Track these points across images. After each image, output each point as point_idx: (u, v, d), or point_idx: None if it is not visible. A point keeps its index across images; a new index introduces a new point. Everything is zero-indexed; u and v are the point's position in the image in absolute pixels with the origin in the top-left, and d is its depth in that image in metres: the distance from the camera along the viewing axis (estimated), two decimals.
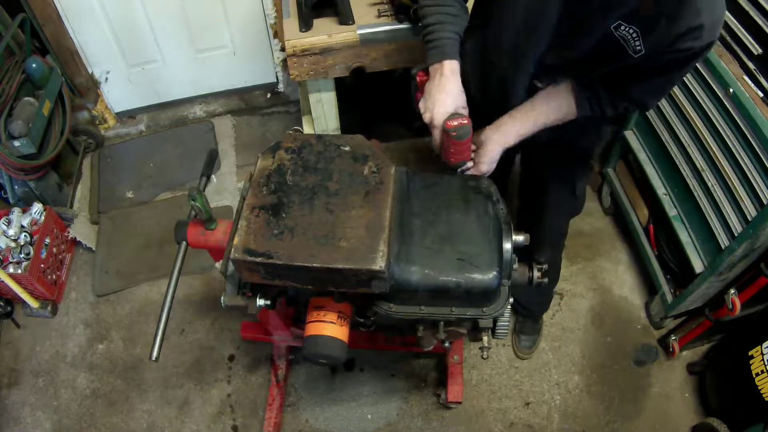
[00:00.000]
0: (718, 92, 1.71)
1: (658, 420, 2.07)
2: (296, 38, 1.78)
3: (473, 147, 1.38)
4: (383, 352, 2.14)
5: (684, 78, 1.85)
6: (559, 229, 1.88)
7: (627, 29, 1.12)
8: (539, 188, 1.73)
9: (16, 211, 2.32)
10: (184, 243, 1.33)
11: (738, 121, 1.64)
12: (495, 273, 1.15)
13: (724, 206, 1.75)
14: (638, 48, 1.13)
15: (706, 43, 1.10)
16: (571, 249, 2.50)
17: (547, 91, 1.35)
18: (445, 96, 1.30)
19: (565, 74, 1.32)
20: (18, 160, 2.16)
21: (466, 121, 1.26)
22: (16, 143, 2.12)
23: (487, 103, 1.45)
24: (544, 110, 1.35)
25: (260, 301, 1.27)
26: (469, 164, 1.38)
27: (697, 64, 1.78)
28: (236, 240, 1.10)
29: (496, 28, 1.34)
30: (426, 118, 1.33)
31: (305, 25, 1.81)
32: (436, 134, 1.33)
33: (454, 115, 1.28)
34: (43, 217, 2.31)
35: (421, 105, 1.34)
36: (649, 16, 1.09)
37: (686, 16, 1.06)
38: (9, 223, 2.26)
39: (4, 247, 2.22)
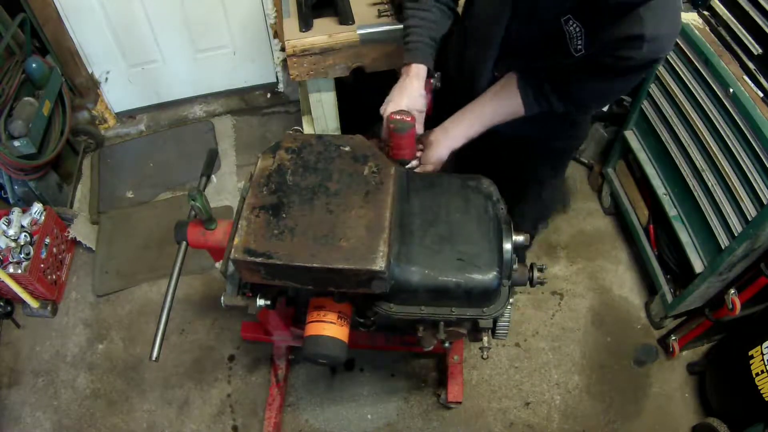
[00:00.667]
0: (718, 92, 1.71)
1: (658, 420, 2.07)
2: (296, 38, 1.78)
3: (420, 147, 1.41)
4: (383, 352, 2.14)
5: (683, 78, 1.85)
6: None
7: (574, 25, 1.14)
8: (504, 190, 1.71)
9: (16, 211, 2.32)
10: (184, 243, 1.34)
11: (738, 121, 1.64)
12: (495, 273, 1.15)
13: (724, 206, 1.75)
14: (579, 47, 1.15)
15: (647, 57, 1.09)
16: (572, 249, 2.51)
17: (494, 90, 1.37)
18: (401, 95, 1.36)
19: (519, 64, 1.34)
20: (18, 160, 2.16)
21: (409, 119, 1.30)
22: (16, 143, 2.12)
23: (459, 94, 1.47)
24: (490, 110, 1.37)
25: (260, 301, 1.27)
26: (414, 163, 1.41)
27: (698, 65, 1.78)
28: (236, 240, 1.10)
29: (472, 20, 1.38)
30: (381, 110, 1.38)
31: (305, 25, 1.81)
32: (384, 126, 1.37)
33: (401, 111, 1.31)
34: (43, 217, 2.31)
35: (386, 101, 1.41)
36: (594, 15, 1.10)
37: (627, 21, 1.06)
38: (9, 223, 2.26)
39: (4, 247, 2.22)
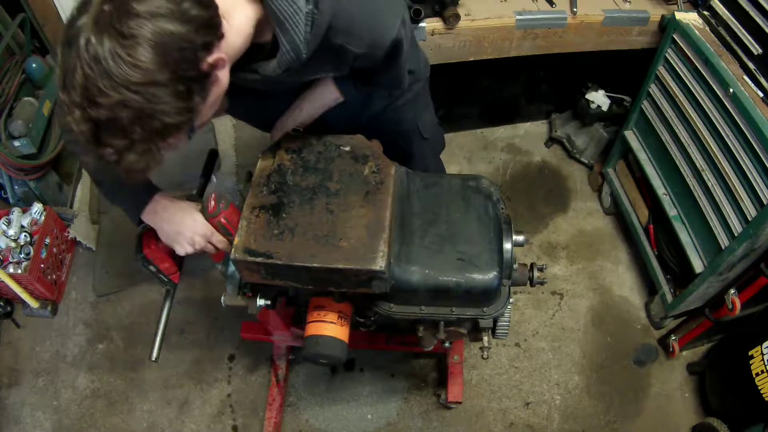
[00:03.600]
0: (718, 92, 1.71)
1: (658, 420, 2.07)
2: None
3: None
4: (383, 352, 2.14)
5: (683, 78, 1.85)
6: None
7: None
8: (396, 149, 1.50)
9: (16, 211, 2.31)
10: None
11: (738, 121, 1.64)
12: (495, 273, 1.15)
13: (724, 206, 1.75)
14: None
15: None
16: (572, 249, 2.51)
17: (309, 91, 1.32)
18: (188, 217, 1.20)
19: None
20: (18, 160, 2.16)
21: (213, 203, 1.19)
22: (16, 143, 2.12)
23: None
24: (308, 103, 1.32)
25: (260, 301, 1.27)
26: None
27: (698, 65, 1.78)
28: (236, 240, 1.11)
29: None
30: (198, 247, 1.21)
31: None
32: (212, 244, 1.23)
33: (217, 199, 1.20)
34: (43, 217, 2.31)
35: (181, 244, 1.21)
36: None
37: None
38: (9, 223, 2.26)
39: (4, 247, 2.22)
